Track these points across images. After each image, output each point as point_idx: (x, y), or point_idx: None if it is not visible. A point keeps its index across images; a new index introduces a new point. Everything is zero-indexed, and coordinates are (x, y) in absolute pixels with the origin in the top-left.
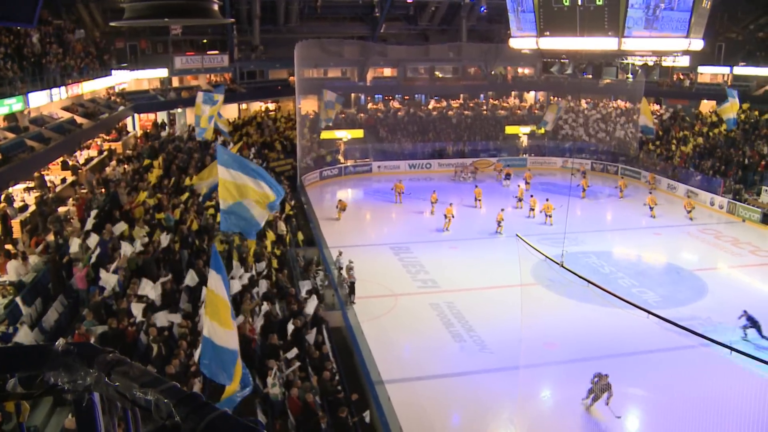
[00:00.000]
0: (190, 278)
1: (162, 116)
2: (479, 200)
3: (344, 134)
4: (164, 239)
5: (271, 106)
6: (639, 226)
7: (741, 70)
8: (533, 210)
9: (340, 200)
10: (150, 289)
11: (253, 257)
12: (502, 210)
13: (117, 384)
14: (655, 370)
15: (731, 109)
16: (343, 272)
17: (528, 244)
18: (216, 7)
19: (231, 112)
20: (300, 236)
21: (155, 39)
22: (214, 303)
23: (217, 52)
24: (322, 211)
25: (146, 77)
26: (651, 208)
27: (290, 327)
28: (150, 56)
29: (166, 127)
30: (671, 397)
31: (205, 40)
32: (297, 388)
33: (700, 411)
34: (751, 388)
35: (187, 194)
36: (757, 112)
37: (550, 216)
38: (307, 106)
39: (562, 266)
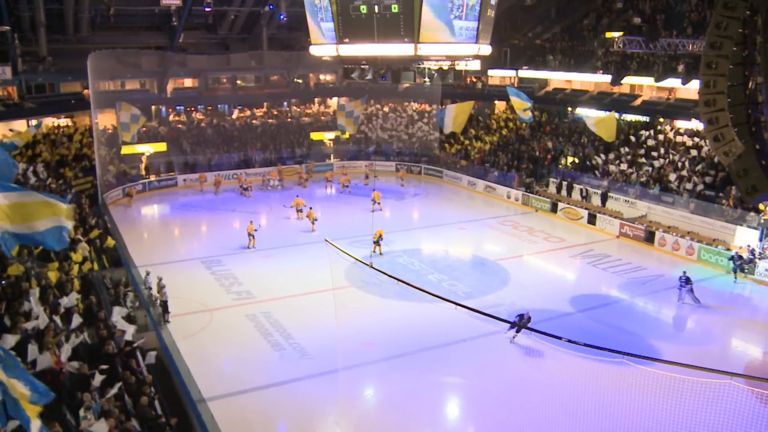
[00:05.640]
0: None
1: None
2: (300, 211)
3: (146, 148)
4: None
5: (63, 122)
6: (444, 222)
7: (525, 73)
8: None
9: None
10: None
11: (55, 285)
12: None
13: None
14: (468, 357)
15: (518, 106)
16: (153, 291)
17: (336, 247)
18: None
19: (19, 129)
20: (105, 257)
21: None
22: None
23: None
24: (128, 230)
25: None
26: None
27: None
28: None
29: None
30: (486, 381)
31: None
32: (113, 418)
33: (514, 390)
34: (554, 363)
35: None
36: (544, 116)
37: (314, 222)
38: (105, 120)
39: (371, 267)
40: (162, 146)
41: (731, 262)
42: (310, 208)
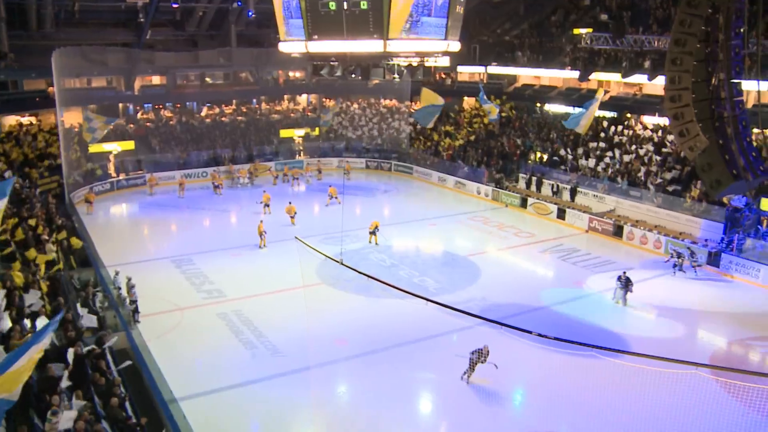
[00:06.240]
0: None
1: None
2: (267, 206)
3: (114, 147)
4: None
5: (26, 120)
6: (414, 218)
7: (494, 69)
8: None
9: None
10: None
11: (20, 286)
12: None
13: None
14: (440, 353)
15: (490, 109)
16: (123, 291)
17: (307, 245)
18: None
19: None
20: (72, 257)
21: None
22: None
23: None
24: (96, 229)
25: None
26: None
27: (70, 354)
28: None
29: None
30: (458, 377)
31: None
32: (83, 420)
33: (485, 385)
34: (524, 357)
35: None
36: (512, 109)
37: (293, 217)
38: (71, 118)
39: (342, 264)
40: (130, 144)
41: (672, 258)
42: (290, 203)
